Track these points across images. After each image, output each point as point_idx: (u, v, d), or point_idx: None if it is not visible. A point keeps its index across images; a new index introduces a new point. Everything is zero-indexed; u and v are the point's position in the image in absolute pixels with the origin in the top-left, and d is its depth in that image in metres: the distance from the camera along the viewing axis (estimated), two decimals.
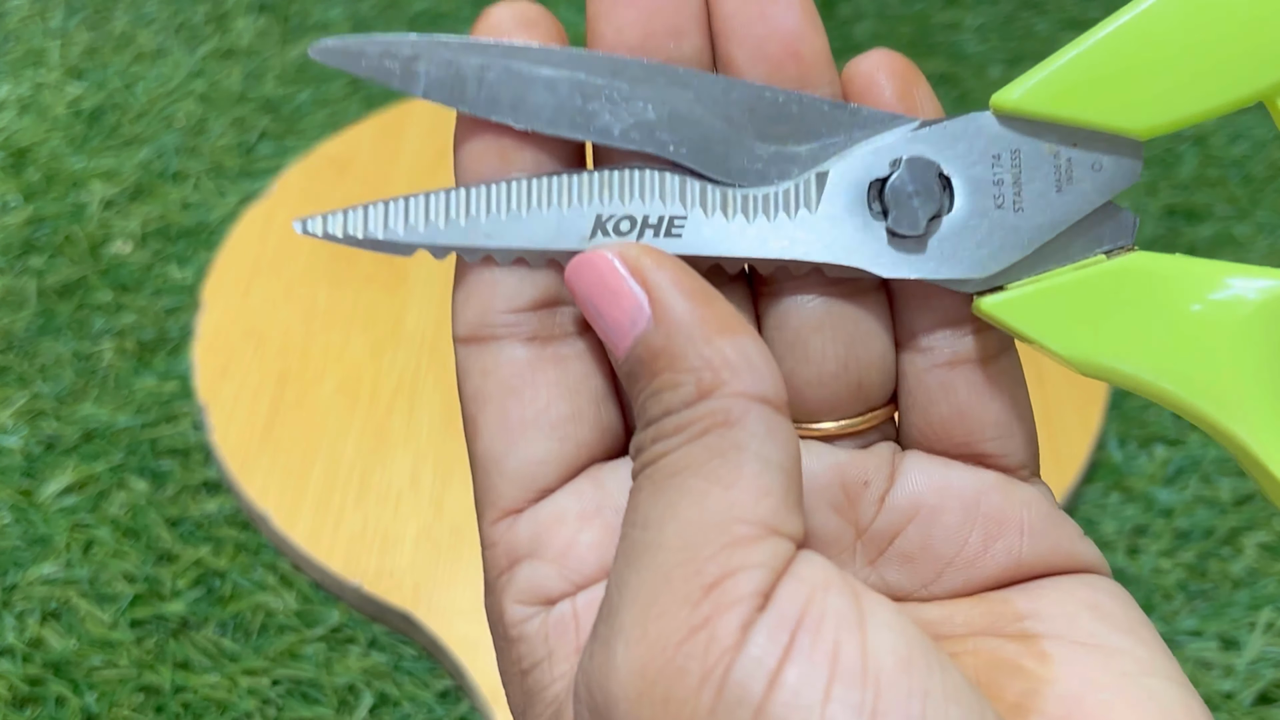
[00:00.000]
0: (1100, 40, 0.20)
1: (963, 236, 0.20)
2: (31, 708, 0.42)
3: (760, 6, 0.20)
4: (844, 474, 0.21)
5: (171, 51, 0.68)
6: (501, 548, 0.20)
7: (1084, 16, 0.73)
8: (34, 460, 0.49)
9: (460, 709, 0.43)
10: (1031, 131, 0.20)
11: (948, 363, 0.21)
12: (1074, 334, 0.20)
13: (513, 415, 0.20)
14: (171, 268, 0.56)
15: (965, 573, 0.21)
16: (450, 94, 0.20)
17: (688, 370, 0.18)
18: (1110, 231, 0.20)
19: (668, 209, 0.20)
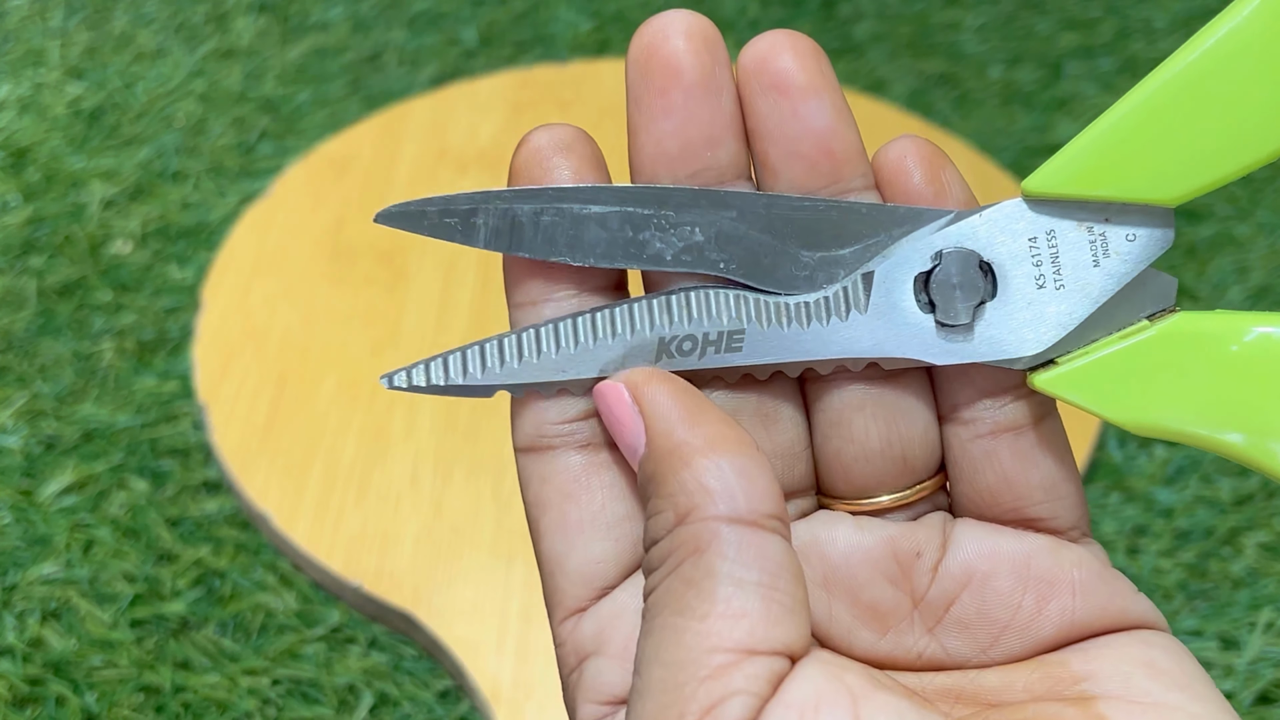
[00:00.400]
0: (1120, 118, 0.20)
1: (1009, 319, 0.21)
2: (31, 707, 0.42)
3: (793, 106, 0.21)
4: (896, 546, 0.22)
5: (171, 51, 0.68)
6: (569, 646, 0.21)
7: (1084, 16, 0.73)
8: (34, 460, 0.49)
9: (460, 709, 0.43)
10: (1063, 211, 0.21)
11: (990, 433, 0.22)
12: (1127, 400, 0.20)
13: (571, 518, 0.21)
14: (171, 267, 0.56)
15: (1022, 636, 0.22)
16: (509, 241, 0.21)
17: (667, 497, 0.19)
18: (1152, 296, 0.21)
19: (726, 325, 0.21)
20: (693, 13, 0.21)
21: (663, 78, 0.21)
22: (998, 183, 0.60)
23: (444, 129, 0.62)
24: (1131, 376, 0.20)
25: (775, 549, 0.19)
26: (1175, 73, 0.20)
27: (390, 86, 0.66)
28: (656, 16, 0.21)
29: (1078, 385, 0.21)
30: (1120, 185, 0.20)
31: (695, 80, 0.21)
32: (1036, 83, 0.68)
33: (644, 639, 0.18)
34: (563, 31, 0.70)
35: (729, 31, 0.71)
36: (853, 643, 0.22)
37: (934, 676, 0.22)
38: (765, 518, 0.19)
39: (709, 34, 0.21)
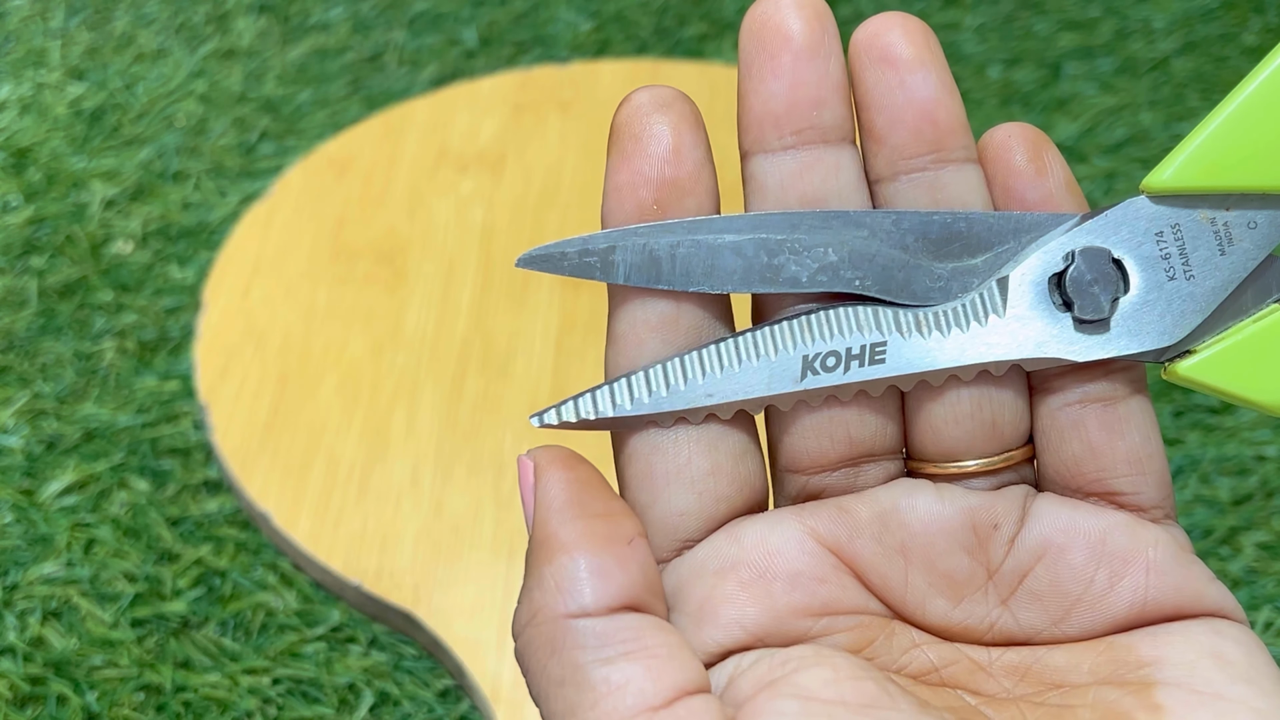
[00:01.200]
0: (1230, 112, 0.21)
1: (1144, 312, 0.21)
2: (32, 707, 0.42)
3: (900, 76, 0.22)
4: (975, 518, 0.22)
5: (172, 52, 0.68)
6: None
7: (1083, 17, 0.73)
8: (35, 460, 0.49)
9: (460, 708, 0.43)
10: (1185, 204, 0.21)
11: (1079, 402, 0.22)
12: (1270, 381, 0.21)
13: (657, 469, 0.22)
14: (172, 268, 0.56)
15: (1093, 611, 0.22)
16: (649, 275, 0.22)
17: (528, 589, 0.20)
18: (1277, 281, 0.22)
19: (868, 338, 0.22)
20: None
21: (774, 43, 0.22)
22: None
23: (444, 129, 0.62)
24: (1271, 356, 0.21)
25: (630, 621, 0.20)
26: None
27: (391, 87, 0.66)
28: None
29: (1218, 370, 0.21)
30: (1237, 175, 0.21)
31: (804, 45, 0.22)
32: (1036, 83, 0.68)
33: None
34: (563, 31, 0.70)
35: (729, 31, 0.71)
36: (927, 611, 0.22)
37: (1002, 653, 0.22)
38: (618, 611, 0.20)
39: (819, 5, 0.22)
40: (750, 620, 0.21)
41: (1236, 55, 0.70)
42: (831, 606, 0.22)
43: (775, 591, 0.21)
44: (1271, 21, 0.73)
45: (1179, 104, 0.67)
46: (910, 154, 0.22)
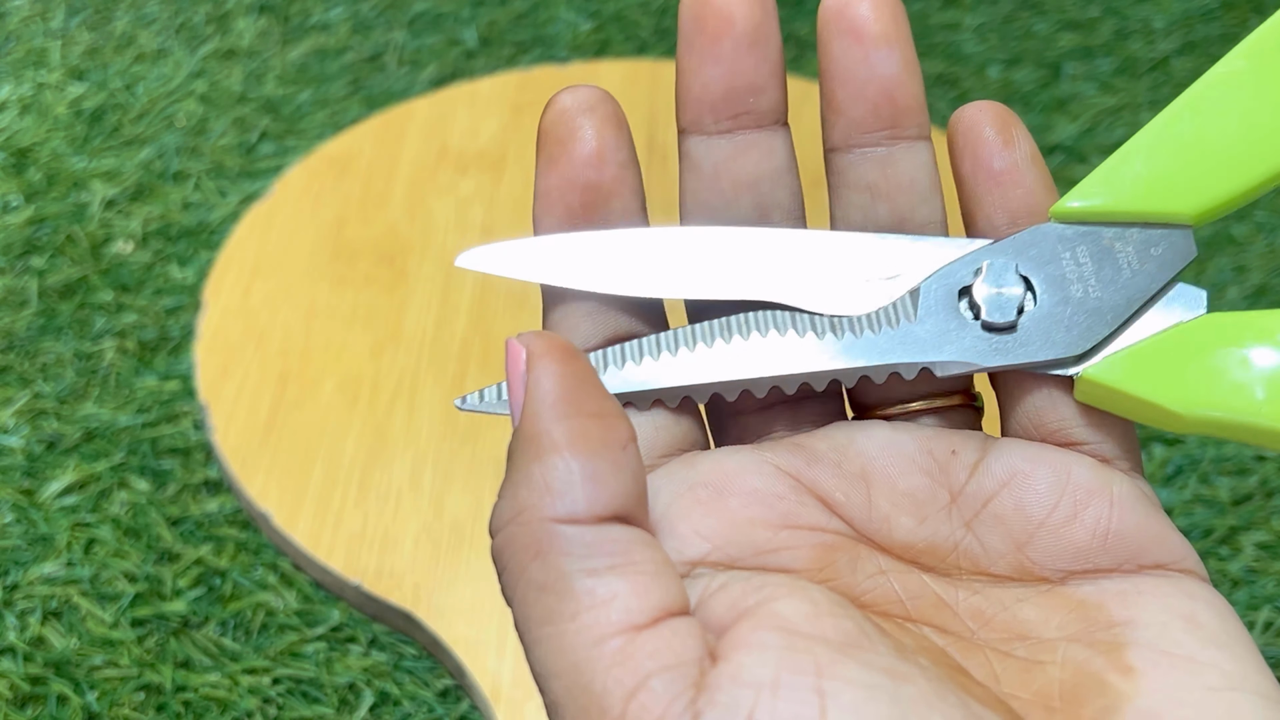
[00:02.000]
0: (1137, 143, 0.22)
1: (1050, 325, 0.22)
2: (33, 706, 0.42)
3: (865, 52, 0.22)
4: (931, 444, 0.23)
5: (172, 52, 0.68)
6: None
7: (1083, 17, 0.73)
8: (35, 460, 0.49)
9: (461, 708, 0.43)
10: (1090, 229, 0.22)
11: None
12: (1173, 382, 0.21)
13: None
14: (172, 268, 0.56)
15: (1055, 537, 0.22)
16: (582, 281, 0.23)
17: (512, 484, 0.19)
18: (1183, 307, 0.23)
19: (787, 339, 0.23)
20: None
21: (715, 26, 0.22)
22: None
23: (444, 129, 0.62)
24: (1174, 358, 0.22)
25: (619, 533, 0.19)
26: (1186, 98, 0.22)
27: (391, 87, 0.66)
28: None
29: (1120, 372, 0.22)
30: (1139, 203, 0.22)
31: (744, 31, 0.22)
32: (1035, 83, 0.68)
33: (530, 660, 0.19)
34: (563, 32, 0.70)
35: None
36: (892, 529, 0.22)
37: (970, 595, 0.22)
38: (607, 520, 0.19)
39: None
40: (708, 530, 0.21)
41: None
42: (791, 520, 0.21)
43: (733, 506, 0.21)
44: None
45: None
46: (867, 129, 0.23)
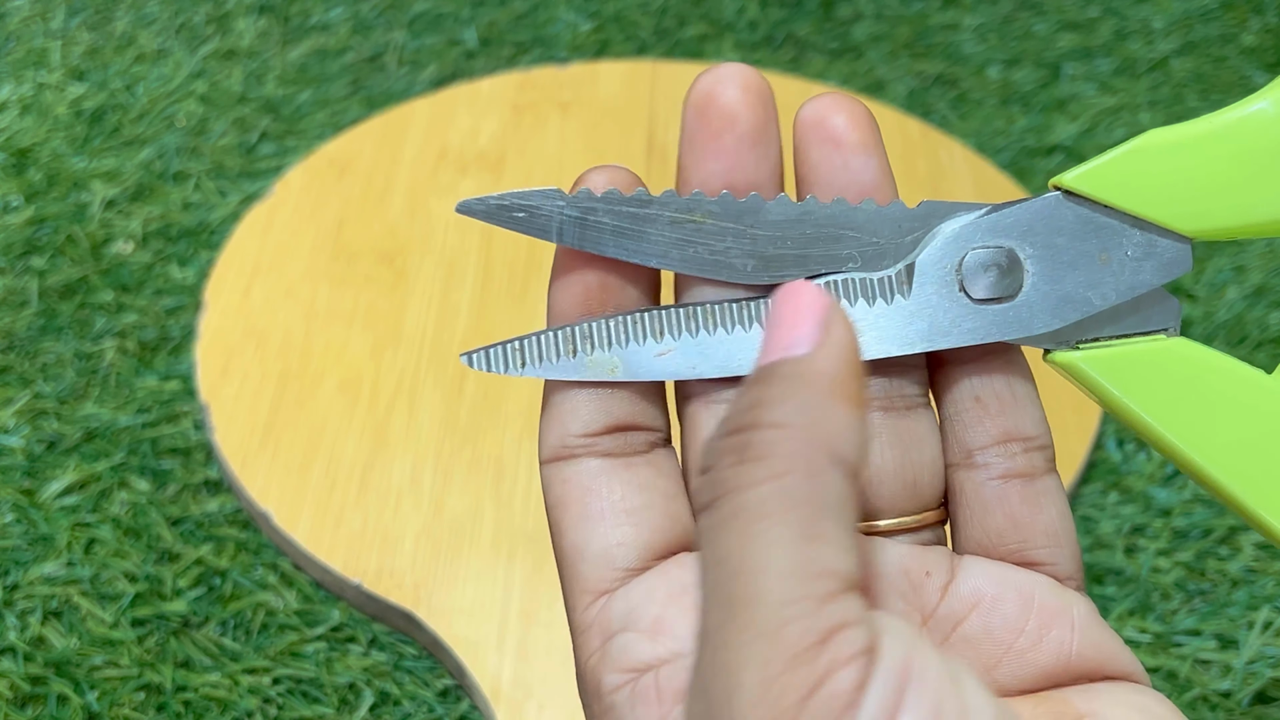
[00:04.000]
0: (1167, 141, 0.22)
1: (1035, 304, 0.23)
2: (33, 706, 0.42)
3: (844, 159, 0.23)
4: (907, 565, 0.23)
5: (172, 52, 0.68)
6: (596, 627, 0.22)
7: (1083, 17, 0.73)
8: (35, 460, 0.49)
9: (461, 708, 0.43)
10: (1091, 215, 0.23)
11: (1002, 476, 0.24)
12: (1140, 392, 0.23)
13: (591, 508, 0.23)
14: (173, 268, 0.56)
15: (1021, 660, 0.23)
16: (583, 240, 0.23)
17: (800, 408, 0.18)
18: (1158, 314, 0.23)
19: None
20: (750, 67, 0.23)
21: (718, 123, 0.23)
22: (996, 183, 0.60)
23: (444, 130, 0.62)
24: (1149, 373, 0.22)
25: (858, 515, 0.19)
26: (1220, 118, 0.22)
27: (391, 87, 0.66)
28: (717, 66, 0.23)
29: (1101, 368, 0.23)
30: (1145, 203, 0.22)
31: (748, 130, 0.23)
32: (1035, 83, 0.68)
33: (740, 543, 0.18)
34: (563, 32, 0.70)
35: (729, 32, 0.71)
36: None
37: None
38: (860, 483, 0.19)
39: (764, 90, 0.23)
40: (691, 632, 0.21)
41: (1235, 56, 0.70)
42: None
43: None
44: (1271, 22, 0.73)
45: (1178, 104, 0.67)
46: None
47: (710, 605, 0.18)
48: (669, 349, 0.23)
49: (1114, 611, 0.46)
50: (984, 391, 0.24)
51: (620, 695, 0.21)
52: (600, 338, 0.23)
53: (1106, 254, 0.23)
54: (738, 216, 0.23)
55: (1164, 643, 0.45)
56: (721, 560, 0.18)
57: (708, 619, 0.18)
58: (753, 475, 0.18)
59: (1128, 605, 0.46)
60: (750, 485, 0.18)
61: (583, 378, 0.23)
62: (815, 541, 0.17)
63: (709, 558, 0.18)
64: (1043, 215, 0.23)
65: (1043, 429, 0.24)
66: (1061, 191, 0.23)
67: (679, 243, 0.23)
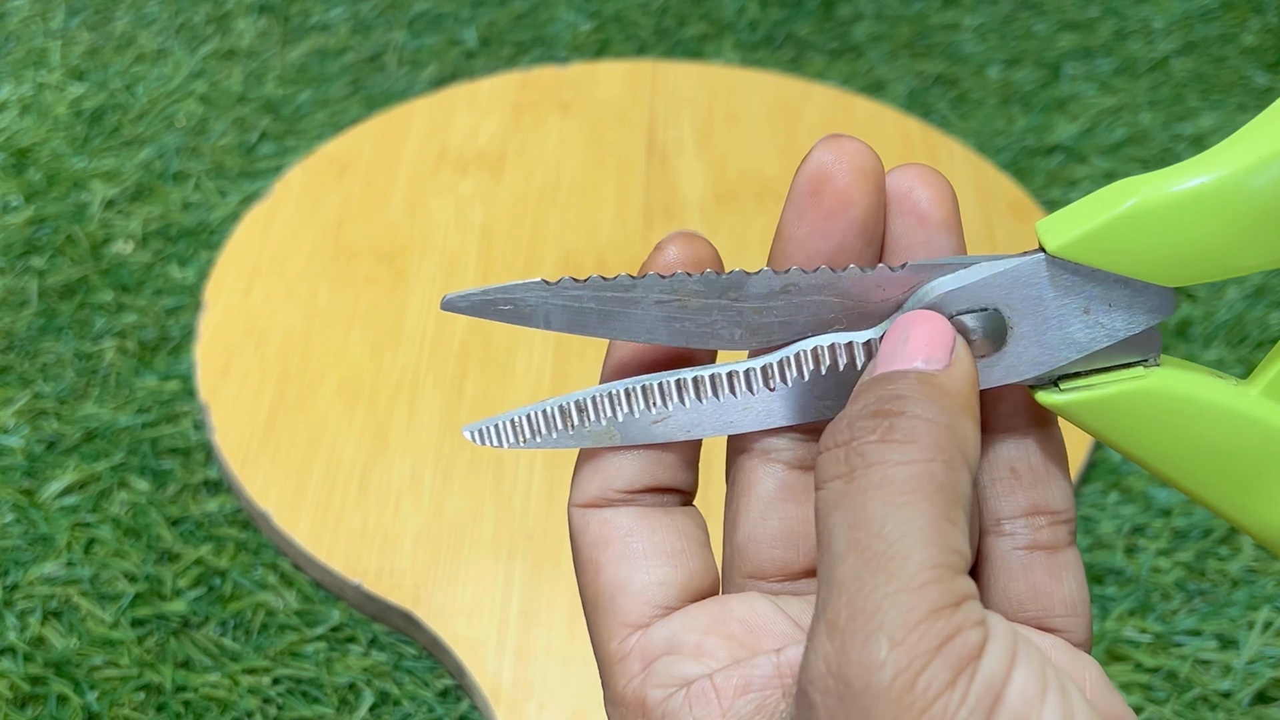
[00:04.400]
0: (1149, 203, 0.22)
1: (1020, 354, 0.23)
2: (33, 706, 0.42)
3: (928, 235, 0.24)
4: None
5: (172, 52, 0.68)
6: (635, 654, 0.23)
7: (1083, 17, 0.73)
8: (35, 460, 0.49)
9: (460, 708, 0.43)
10: (1075, 272, 0.23)
11: (1028, 546, 0.24)
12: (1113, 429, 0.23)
13: (634, 546, 0.24)
14: (173, 268, 0.56)
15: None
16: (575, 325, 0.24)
17: (943, 411, 0.21)
18: (1139, 345, 0.23)
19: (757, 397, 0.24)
20: (867, 147, 0.23)
21: (833, 205, 0.23)
22: (996, 183, 0.60)
23: (444, 130, 0.62)
24: (1126, 415, 0.23)
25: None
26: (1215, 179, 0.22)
27: (391, 87, 0.66)
28: (837, 140, 0.23)
29: (1085, 410, 0.23)
30: (1125, 263, 0.23)
31: (859, 217, 0.23)
32: (1035, 83, 0.68)
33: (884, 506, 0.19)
34: (563, 32, 0.70)
35: (729, 32, 0.71)
36: None
37: None
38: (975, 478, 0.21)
39: (879, 174, 0.24)
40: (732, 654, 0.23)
41: (1236, 56, 0.70)
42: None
43: (764, 644, 0.23)
44: (1271, 22, 0.73)
45: (1178, 104, 0.67)
46: None
47: (844, 558, 0.19)
48: (664, 416, 0.24)
49: (1114, 611, 0.46)
50: (1020, 464, 0.25)
51: (673, 703, 0.22)
52: (597, 409, 0.24)
53: (1090, 308, 0.23)
54: (722, 292, 0.24)
55: (1164, 643, 0.45)
56: (866, 520, 0.19)
57: (841, 568, 0.19)
58: (902, 454, 0.20)
59: (1128, 605, 0.46)
60: (899, 462, 0.20)
61: (583, 446, 0.24)
62: (952, 524, 0.20)
63: (848, 517, 0.20)
64: (1027, 277, 0.23)
65: (1069, 504, 0.25)
66: (1044, 253, 0.23)
67: (666, 320, 0.24)
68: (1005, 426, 0.25)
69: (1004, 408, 0.25)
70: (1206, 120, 0.65)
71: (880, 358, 0.22)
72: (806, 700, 0.19)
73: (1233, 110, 0.66)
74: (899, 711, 0.18)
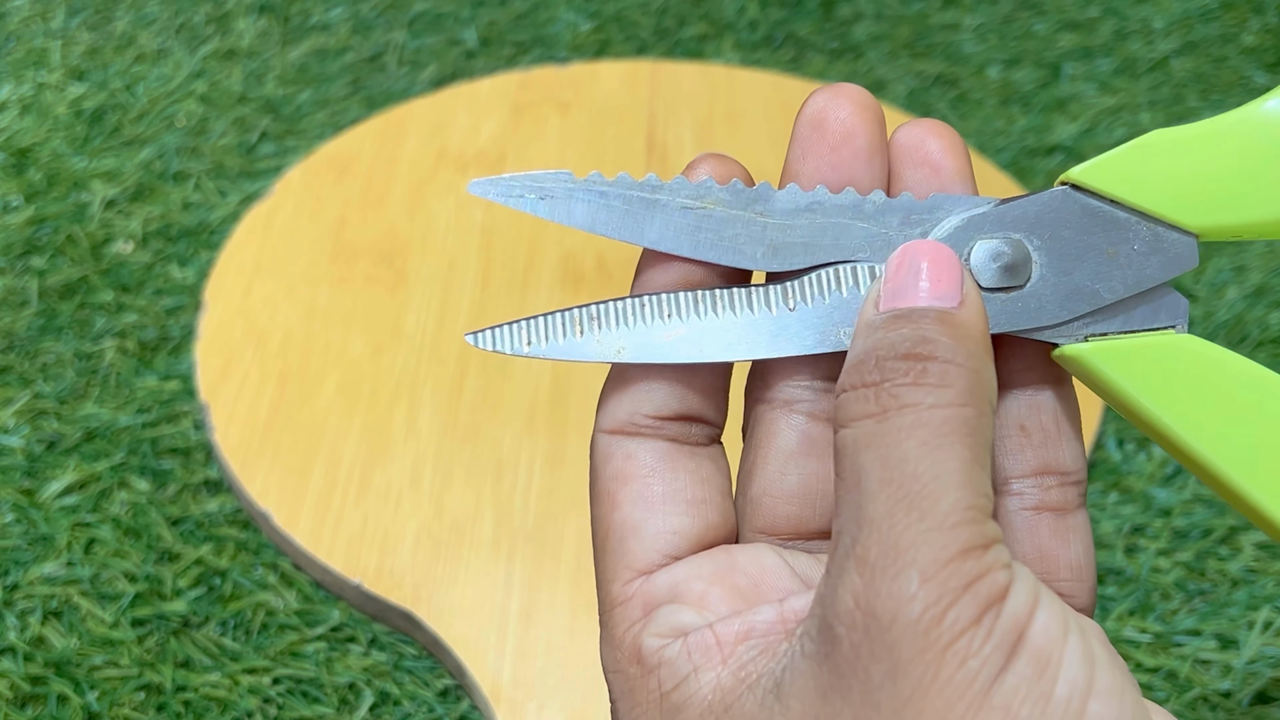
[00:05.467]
0: (1169, 137, 0.22)
1: (1043, 295, 0.23)
2: (33, 706, 0.42)
3: (941, 182, 0.24)
4: None
5: (173, 52, 0.68)
6: (638, 599, 0.23)
7: (1083, 17, 0.73)
8: (35, 460, 0.49)
9: (461, 708, 0.43)
10: (1099, 209, 0.23)
11: (1034, 508, 0.24)
12: (1148, 385, 0.23)
13: (654, 490, 0.23)
14: (173, 268, 0.56)
15: None
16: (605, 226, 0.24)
17: (969, 355, 0.21)
18: (1166, 311, 0.23)
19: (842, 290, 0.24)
20: (863, 89, 0.24)
21: (836, 137, 0.23)
22: (996, 183, 0.60)
23: (444, 130, 0.62)
24: (1146, 368, 0.23)
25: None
26: (1231, 116, 0.22)
27: (391, 87, 0.66)
28: (833, 86, 0.24)
29: (1109, 360, 0.23)
30: (1154, 198, 0.22)
31: (864, 145, 0.23)
32: (1035, 83, 0.68)
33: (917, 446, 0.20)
34: (563, 32, 0.70)
35: (729, 31, 0.71)
36: None
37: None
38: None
39: (877, 109, 0.24)
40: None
41: (1236, 55, 0.70)
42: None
43: (768, 598, 0.22)
44: (1271, 21, 0.73)
45: (1178, 104, 0.67)
46: None
47: (876, 496, 0.20)
48: (677, 331, 0.23)
49: (1114, 611, 0.46)
50: (1030, 422, 0.24)
51: (671, 650, 0.22)
52: (608, 319, 0.23)
53: (1114, 248, 0.23)
54: (747, 204, 0.23)
55: (1164, 643, 0.45)
56: (901, 460, 0.20)
57: (872, 506, 0.20)
58: (938, 398, 0.20)
59: (1128, 605, 0.46)
60: (934, 405, 0.20)
61: (588, 359, 0.23)
62: (982, 468, 0.20)
63: (881, 456, 0.20)
64: (1050, 208, 0.23)
65: (1080, 464, 0.24)
66: (1069, 186, 0.23)
67: (689, 228, 0.23)
68: (1018, 382, 0.24)
69: (1016, 364, 0.24)
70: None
71: (890, 290, 0.22)
72: (830, 635, 0.19)
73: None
74: (925, 645, 0.18)
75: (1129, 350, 0.23)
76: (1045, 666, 0.19)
